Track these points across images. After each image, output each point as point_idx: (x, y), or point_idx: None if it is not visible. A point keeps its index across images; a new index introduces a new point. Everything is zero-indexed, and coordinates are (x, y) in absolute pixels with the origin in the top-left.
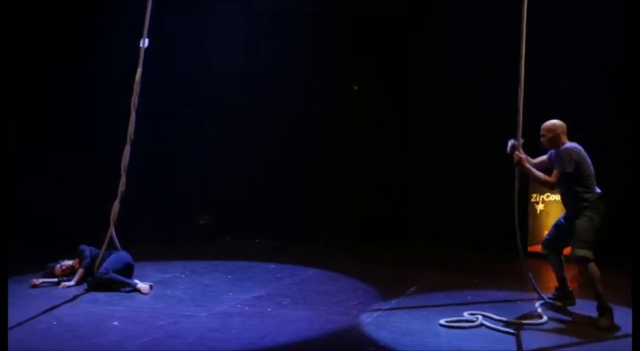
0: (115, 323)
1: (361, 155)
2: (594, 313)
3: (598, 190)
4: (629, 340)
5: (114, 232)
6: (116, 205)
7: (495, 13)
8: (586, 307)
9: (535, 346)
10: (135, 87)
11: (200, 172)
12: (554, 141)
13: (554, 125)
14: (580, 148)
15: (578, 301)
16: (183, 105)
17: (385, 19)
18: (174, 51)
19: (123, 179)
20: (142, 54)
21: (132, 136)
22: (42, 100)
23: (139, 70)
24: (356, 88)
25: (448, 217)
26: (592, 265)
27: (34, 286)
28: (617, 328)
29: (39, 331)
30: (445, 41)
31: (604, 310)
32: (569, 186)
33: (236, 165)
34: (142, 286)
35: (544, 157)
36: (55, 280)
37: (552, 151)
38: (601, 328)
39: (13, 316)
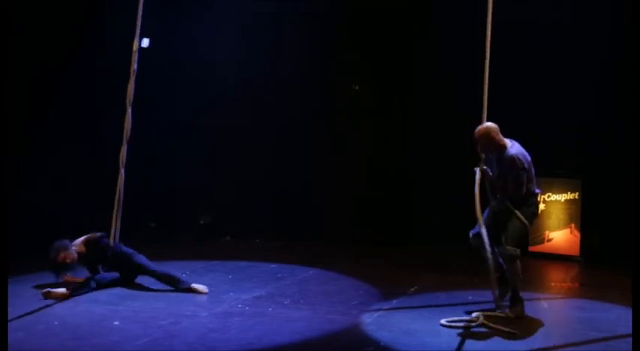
0: (116, 323)
1: (361, 155)
2: (594, 314)
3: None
4: (629, 340)
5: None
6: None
7: (496, 14)
8: (586, 307)
9: (536, 346)
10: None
11: (200, 172)
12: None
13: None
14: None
15: (578, 301)
16: (183, 105)
17: (385, 19)
18: (174, 51)
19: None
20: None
21: (128, 134)
22: (42, 100)
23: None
24: (356, 88)
25: (448, 217)
26: (518, 262)
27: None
28: (525, 317)
29: (39, 331)
30: (445, 41)
31: (517, 301)
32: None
33: (236, 165)
34: (199, 286)
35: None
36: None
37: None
38: (513, 316)
39: (13, 316)
